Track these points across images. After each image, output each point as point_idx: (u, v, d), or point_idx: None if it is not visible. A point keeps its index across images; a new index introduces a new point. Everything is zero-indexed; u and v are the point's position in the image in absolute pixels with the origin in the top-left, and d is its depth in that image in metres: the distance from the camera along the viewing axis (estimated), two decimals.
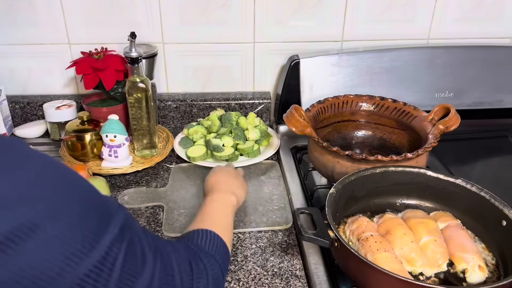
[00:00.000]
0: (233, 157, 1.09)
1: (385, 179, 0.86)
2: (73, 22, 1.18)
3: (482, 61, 1.23)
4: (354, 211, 0.86)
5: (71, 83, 1.27)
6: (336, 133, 1.09)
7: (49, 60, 1.23)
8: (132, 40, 1.01)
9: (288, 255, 0.83)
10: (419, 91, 1.22)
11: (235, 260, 0.82)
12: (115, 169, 1.04)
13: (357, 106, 1.08)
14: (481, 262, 0.73)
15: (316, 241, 0.70)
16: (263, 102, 1.28)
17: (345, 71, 1.19)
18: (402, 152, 0.94)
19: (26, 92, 1.27)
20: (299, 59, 1.17)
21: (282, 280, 0.77)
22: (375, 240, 0.74)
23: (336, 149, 0.88)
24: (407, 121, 1.03)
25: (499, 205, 0.76)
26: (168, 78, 1.28)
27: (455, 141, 1.20)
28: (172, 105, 1.26)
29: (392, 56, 1.19)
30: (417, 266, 0.73)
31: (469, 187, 0.81)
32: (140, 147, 1.11)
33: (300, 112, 0.96)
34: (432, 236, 0.76)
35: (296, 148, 1.17)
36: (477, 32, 1.28)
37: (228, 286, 0.76)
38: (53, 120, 1.17)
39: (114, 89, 1.13)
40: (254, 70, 1.28)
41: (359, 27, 1.24)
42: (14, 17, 1.16)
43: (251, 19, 1.21)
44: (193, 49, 1.24)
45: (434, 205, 0.87)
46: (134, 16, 1.18)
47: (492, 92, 1.27)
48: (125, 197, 0.97)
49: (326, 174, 0.96)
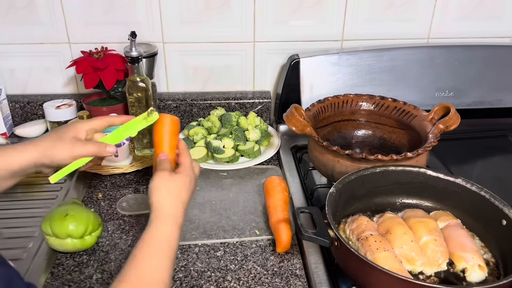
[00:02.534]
0: (233, 159, 1.09)
1: (385, 178, 0.86)
2: (73, 21, 1.18)
3: (482, 61, 1.23)
4: (354, 210, 0.86)
5: (71, 82, 1.27)
6: (336, 132, 1.09)
7: (49, 59, 1.23)
8: (132, 40, 1.01)
9: (288, 254, 0.83)
10: (419, 90, 1.22)
11: (235, 259, 0.82)
12: (115, 168, 1.04)
13: (357, 105, 1.08)
14: (481, 262, 0.73)
15: (316, 240, 0.70)
16: (263, 102, 1.28)
17: (345, 70, 1.19)
18: (402, 151, 0.94)
19: (26, 92, 1.27)
20: (299, 59, 1.17)
21: (282, 280, 0.77)
22: (375, 240, 0.74)
23: (336, 148, 0.88)
24: (407, 120, 1.03)
25: (499, 205, 0.76)
26: (168, 78, 1.28)
27: (455, 141, 1.20)
28: (172, 104, 1.26)
29: (392, 55, 1.19)
30: (417, 265, 0.73)
31: (469, 187, 0.81)
32: (140, 147, 1.11)
33: (300, 111, 0.96)
34: (432, 236, 0.76)
35: (296, 147, 1.17)
36: (477, 31, 1.28)
37: (228, 286, 0.76)
38: (53, 119, 1.17)
39: (114, 89, 1.14)
40: (254, 70, 1.28)
41: (359, 26, 1.24)
42: (14, 16, 1.16)
43: (251, 19, 1.21)
44: (193, 48, 1.24)
45: (434, 205, 0.87)
46: (134, 16, 1.18)
47: (492, 92, 1.27)
48: (123, 203, 0.96)
49: (326, 174, 0.96)
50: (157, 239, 0.63)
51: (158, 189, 0.68)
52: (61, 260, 0.82)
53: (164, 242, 0.63)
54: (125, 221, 0.91)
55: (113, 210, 0.94)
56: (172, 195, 0.68)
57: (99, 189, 1.01)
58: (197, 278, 0.78)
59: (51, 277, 0.78)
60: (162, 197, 0.67)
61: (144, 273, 0.59)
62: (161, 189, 0.68)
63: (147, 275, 0.59)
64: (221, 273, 0.79)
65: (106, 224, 0.90)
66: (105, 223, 0.90)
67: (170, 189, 0.69)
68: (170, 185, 0.69)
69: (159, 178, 0.69)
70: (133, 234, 0.88)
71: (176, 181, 0.70)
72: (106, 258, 0.82)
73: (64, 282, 0.77)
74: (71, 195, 0.99)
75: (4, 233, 0.89)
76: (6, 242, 0.86)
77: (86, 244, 0.81)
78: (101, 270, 0.79)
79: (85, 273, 0.79)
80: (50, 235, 0.80)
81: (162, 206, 0.67)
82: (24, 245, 0.85)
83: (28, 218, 0.93)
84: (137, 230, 0.89)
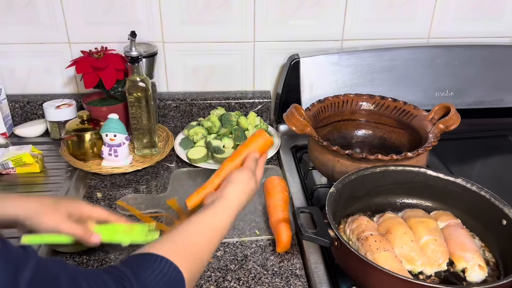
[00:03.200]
0: None
1: (385, 178, 0.86)
2: (73, 21, 1.18)
3: (482, 60, 1.23)
4: (354, 210, 0.86)
5: (71, 82, 1.27)
6: (336, 132, 1.08)
7: (49, 59, 1.23)
8: (132, 39, 1.00)
9: (288, 254, 0.83)
10: (419, 90, 1.22)
11: (235, 259, 0.82)
12: (115, 168, 1.04)
13: (357, 105, 1.08)
14: (481, 261, 0.73)
15: (316, 240, 0.70)
16: (263, 102, 1.28)
17: (345, 70, 1.19)
18: (402, 151, 0.94)
19: (26, 91, 1.27)
20: (299, 58, 1.17)
21: (282, 279, 0.77)
22: (375, 239, 0.74)
23: (336, 148, 0.88)
24: (407, 120, 1.03)
25: (499, 204, 0.76)
26: (168, 77, 1.28)
27: (455, 140, 1.20)
28: (172, 104, 1.26)
29: (392, 55, 1.19)
30: (417, 265, 0.73)
31: (469, 186, 0.81)
32: (140, 146, 1.11)
33: (300, 111, 0.96)
34: (432, 236, 0.76)
35: (296, 147, 1.17)
36: (477, 31, 1.28)
37: (228, 286, 0.76)
38: (53, 119, 1.17)
39: (114, 88, 1.13)
40: (254, 69, 1.28)
41: (359, 26, 1.24)
42: (14, 16, 1.16)
43: (251, 18, 1.20)
44: (193, 48, 1.24)
45: (434, 204, 0.87)
46: (134, 15, 1.18)
47: (492, 91, 1.27)
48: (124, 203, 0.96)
49: (326, 173, 0.96)
50: (217, 223, 0.68)
51: (240, 182, 0.74)
52: None
53: (220, 229, 0.68)
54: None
55: (113, 210, 0.94)
56: (244, 195, 0.74)
57: (99, 189, 1.01)
58: None
59: None
60: (238, 191, 0.73)
61: (192, 246, 0.63)
62: (240, 183, 0.74)
63: (194, 248, 0.63)
64: (221, 273, 0.79)
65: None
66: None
67: (245, 189, 0.74)
68: (247, 186, 0.74)
69: (245, 174, 0.75)
70: None
71: (251, 185, 0.75)
72: (106, 258, 0.82)
73: None
74: (71, 195, 0.99)
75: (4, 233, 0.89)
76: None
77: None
78: None
79: None
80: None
81: (233, 198, 0.72)
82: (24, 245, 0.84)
83: None
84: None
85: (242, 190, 0.74)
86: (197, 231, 0.65)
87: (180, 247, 0.61)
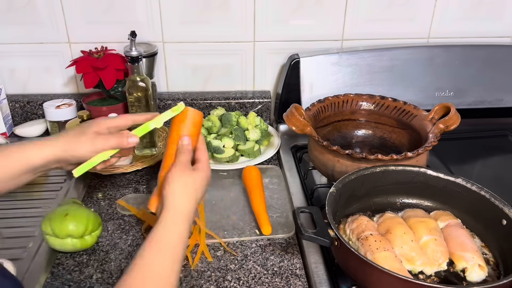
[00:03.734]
0: (233, 159, 1.09)
1: (385, 178, 0.86)
2: (73, 21, 1.18)
3: (482, 60, 1.23)
4: (354, 210, 0.86)
5: (71, 82, 1.27)
6: (336, 132, 1.08)
7: (49, 59, 1.23)
8: (132, 39, 1.01)
9: (288, 254, 0.83)
10: (419, 90, 1.22)
11: (235, 259, 0.82)
12: (115, 168, 1.04)
13: (357, 105, 1.08)
14: (481, 261, 0.73)
15: (316, 240, 0.70)
16: (263, 101, 1.28)
17: (345, 70, 1.19)
18: (402, 151, 0.94)
19: (26, 91, 1.27)
20: (299, 58, 1.17)
21: (282, 279, 0.77)
22: (375, 239, 0.74)
23: (336, 148, 0.88)
24: (407, 120, 1.03)
25: (499, 204, 0.76)
26: (168, 77, 1.28)
27: (455, 140, 1.20)
28: (172, 104, 1.26)
29: (392, 55, 1.19)
30: (417, 265, 0.73)
31: (469, 186, 0.81)
32: (140, 146, 1.11)
33: (300, 111, 0.96)
34: (432, 235, 0.76)
35: (296, 147, 1.17)
36: (477, 31, 1.28)
37: (228, 285, 0.76)
38: (53, 119, 1.17)
39: (114, 88, 1.14)
40: (254, 69, 1.28)
41: (359, 26, 1.24)
42: (14, 16, 1.16)
43: (251, 18, 1.20)
44: (193, 48, 1.24)
45: (434, 204, 0.87)
46: (134, 15, 1.18)
47: (492, 91, 1.27)
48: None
49: (326, 173, 0.96)
50: (168, 241, 0.60)
51: (176, 182, 0.64)
52: (61, 260, 0.81)
53: (175, 245, 0.60)
54: (125, 221, 0.91)
55: (113, 210, 0.94)
56: (189, 191, 0.65)
57: (99, 189, 1.01)
58: (197, 278, 0.77)
59: (51, 277, 0.78)
60: (179, 191, 0.64)
61: (152, 276, 0.56)
62: (178, 181, 0.64)
63: (155, 278, 0.56)
64: (221, 273, 0.79)
65: (106, 224, 0.90)
66: (105, 223, 0.90)
67: (187, 184, 0.65)
68: (188, 180, 0.65)
69: (179, 169, 0.66)
70: (133, 234, 0.88)
71: (194, 177, 0.66)
72: (106, 258, 0.82)
73: (64, 282, 0.77)
74: (71, 195, 0.99)
75: (4, 233, 0.89)
76: (6, 242, 0.86)
77: (86, 243, 0.81)
78: (101, 270, 0.79)
79: (85, 273, 0.79)
80: (50, 235, 0.80)
81: (176, 202, 0.63)
82: (24, 245, 0.84)
83: (28, 218, 0.93)
84: (137, 230, 0.89)
85: (183, 192, 0.64)
86: (156, 257, 0.58)
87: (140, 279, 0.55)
